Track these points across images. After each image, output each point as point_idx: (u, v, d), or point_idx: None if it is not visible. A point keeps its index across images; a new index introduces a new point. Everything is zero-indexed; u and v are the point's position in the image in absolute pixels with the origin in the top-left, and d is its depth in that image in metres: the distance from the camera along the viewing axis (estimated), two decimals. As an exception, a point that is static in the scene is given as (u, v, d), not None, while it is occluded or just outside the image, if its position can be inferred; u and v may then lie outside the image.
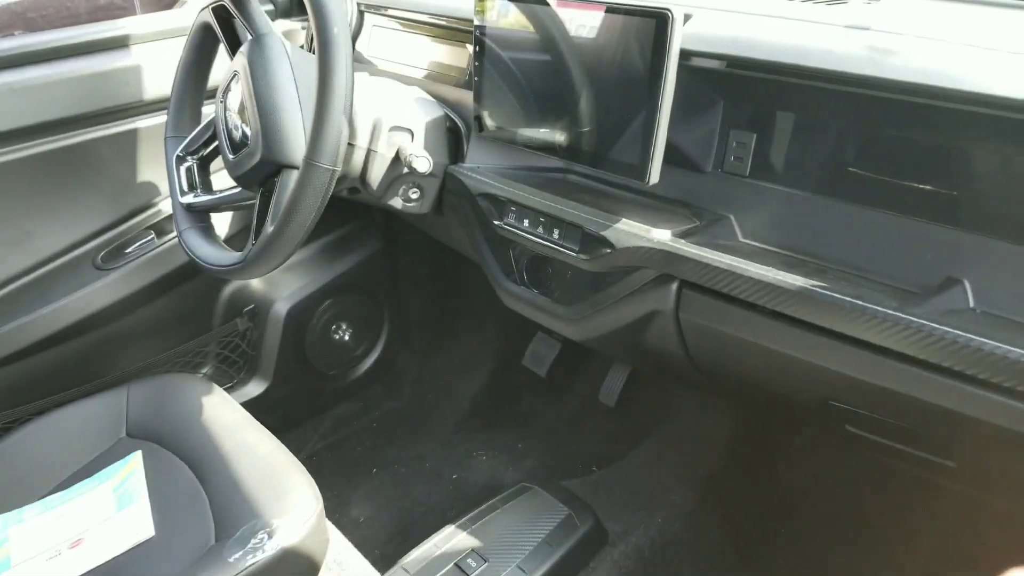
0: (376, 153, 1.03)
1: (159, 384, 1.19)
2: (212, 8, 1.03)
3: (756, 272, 0.76)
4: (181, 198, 1.08)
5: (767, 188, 0.82)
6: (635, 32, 0.80)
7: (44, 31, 1.20)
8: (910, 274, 0.72)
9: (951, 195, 0.70)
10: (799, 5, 0.89)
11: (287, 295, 1.56)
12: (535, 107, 0.95)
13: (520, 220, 0.99)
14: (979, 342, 0.64)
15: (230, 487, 1.00)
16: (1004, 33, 0.75)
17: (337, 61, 0.83)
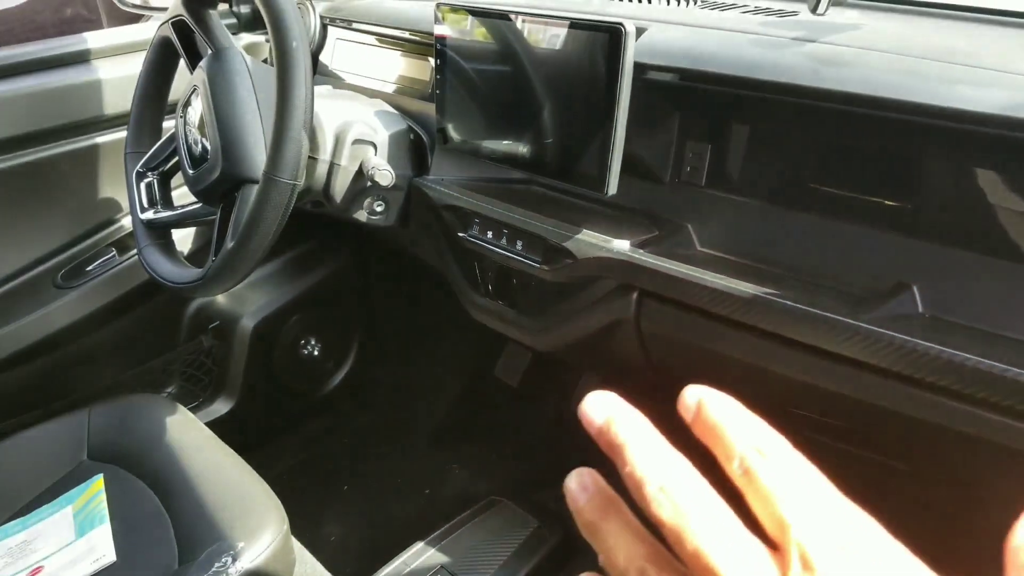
0: (339, 166, 1.03)
1: (122, 405, 1.17)
2: (172, 23, 1.03)
3: (711, 281, 0.77)
4: (141, 214, 1.07)
5: (723, 198, 0.84)
6: (592, 46, 0.82)
7: (2, 47, 1.19)
8: (862, 281, 0.74)
9: (900, 204, 0.72)
10: (751, 18, 0.91)
11: (253, 311, 1.55)
12: (497, 119, 0.96)
13: (484, 232, 0.99)
14: (925, 346, 0.66)
15: (194, 509, 0.99)
16: (947, 45, 0.77)
17: (296, 75, 0.83)
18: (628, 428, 0.26)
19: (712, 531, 0.23)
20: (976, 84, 0.68)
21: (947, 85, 0.68)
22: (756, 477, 0.24)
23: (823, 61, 0.75)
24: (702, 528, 0.23)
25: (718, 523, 0.23)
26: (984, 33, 0.83)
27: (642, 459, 0.25)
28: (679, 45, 0.85)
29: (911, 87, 0.69)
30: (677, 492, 0.24)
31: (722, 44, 0.83)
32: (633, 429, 0.26)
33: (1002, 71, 0.69)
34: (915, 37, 0.80)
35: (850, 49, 0.77)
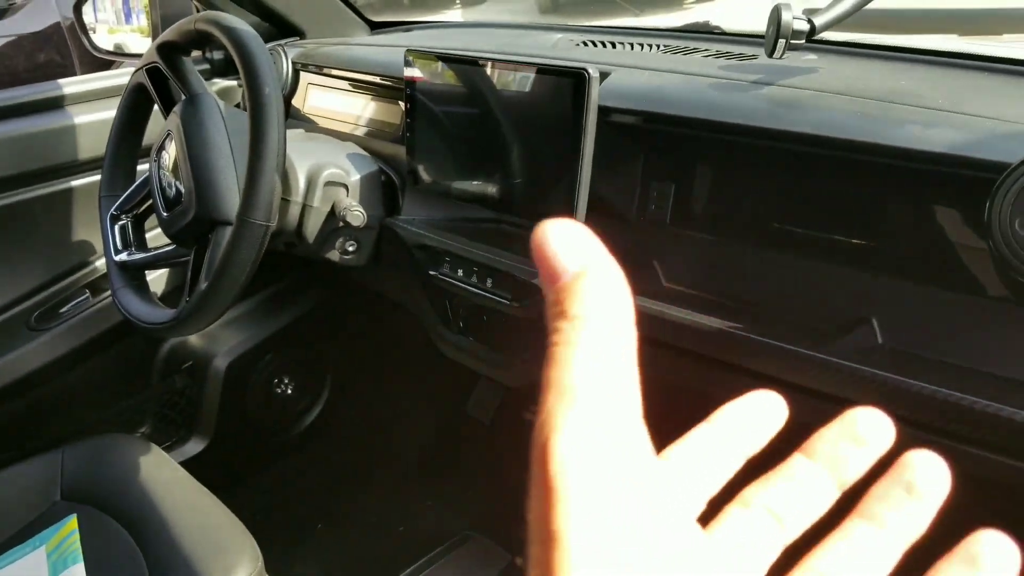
0: (312, 208, 1.04)
1: (95, 446, 1.17)
2: (146, 69, 1.05)
3: (677, 315, 0.79)
4: (115, 256, 1.08)
5: (687, 235, 0.86)
6: (557, 90, 0.84)
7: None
8: (823, 315, 0.75)
9: (858, 240, 0.74)
10: (712, 62, 0.94)
11: (226, 350, 1.54)
12: (466, 161, 0.98)
13: (455, 270, 1.01)
14: (884, 376, 0.67)
15: (168, 549, 0.99)
16: (899, 87, 0.80)
17: (269, 119, 0.85)
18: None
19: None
20: (926, 124, 0.70)
21: (898, 126, 0.71)
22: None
23: (780, 103, 0.78)
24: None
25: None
26: (934, 75, 0.86)
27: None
28: (642, 88, 0.88)
29: (864, 128, 0.71)
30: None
31: (684, 87, 0.86)
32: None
33: (951, 111, 0.72)
34: (869, 80, 0.83)
35: (806, 92, 0.80)
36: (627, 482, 0.20)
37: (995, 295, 0.67)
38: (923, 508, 0.25)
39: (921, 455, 0.25)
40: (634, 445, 0.21)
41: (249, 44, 0.87)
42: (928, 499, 0.25)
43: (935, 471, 0.25)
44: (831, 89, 0.79)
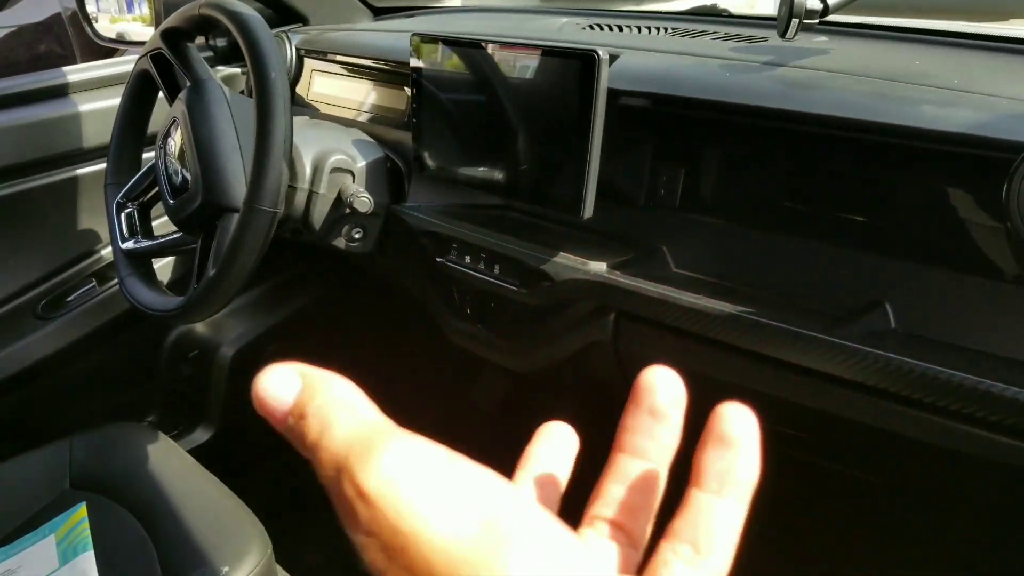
0: (318, 195, 1.04)
1: (103, 434, 1.17)
2: (151, 56, 1.04)
3: (687, 300, 0.78)
4: (122, 244, 1.07)
5: (696, 219, 0.85)
6: (566, 73, 0.83)
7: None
8: (835, 298, 0.75)
9: (871, 222, 0.73)
10: (722, 44, 0.93)
11: (232, 339, 1.54)
12: (473, 146, 0.97)
13: (462, 257, 1.00)
14: (899, 361, 0.67)
15: (178, 536, 0.99)
16: (913, 67, 0.79)
17: (275, 105, 0.84)
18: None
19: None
20: (941, 104, 0.69)
21: (913, 106, 0.70)
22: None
23: (793, 84, 0.77)
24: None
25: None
26: (946, 56, 0.85)
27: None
28: (652, 71, 0.87)
29: (879, 108, 0.71)
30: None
31: (694, 69, 0.85)
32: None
33: (965, 91, 0.71)
34: (882, 60, 0.83)
35: (819, 72, 0.79)
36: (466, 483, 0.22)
37: (1011, 277, 0.66)
38: (670, 427, 0.27)
39: (656, 373, 0.28)
40: (451, 456, 0.23)
41: (255, 29, 0.86)
42: (671, 418, 0.27)
43: (672, 388, 0.28)
44: (844, 70, 0.78)
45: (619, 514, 0.28)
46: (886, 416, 0.72)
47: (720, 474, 0.25)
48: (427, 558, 0.20)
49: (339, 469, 0.21)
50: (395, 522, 0.20)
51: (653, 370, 0.28)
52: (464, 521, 0.20)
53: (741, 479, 0.25)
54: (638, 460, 0.28)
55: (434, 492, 0.21)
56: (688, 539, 0.24)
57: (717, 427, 0.25)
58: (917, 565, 0.99)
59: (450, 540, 0.20)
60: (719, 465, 0.25)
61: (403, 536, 0.20)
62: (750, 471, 0.25)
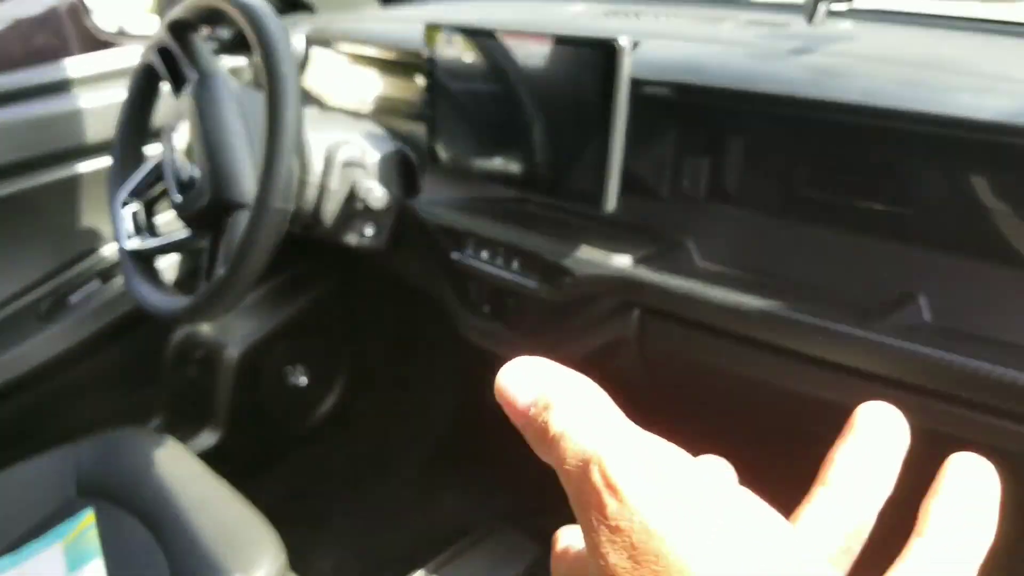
0: (329, 190, 1.01)
1: (109, 439, 1.14)
2: (156, 48, 1.02)
3: (715, 296, 0.76)
4: (127, 243, 1.05)
5: (722, 211, 0.83)
6: (585, 62, 0.81)
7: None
8: (866, 291, 0.73)
9: (902, 213, 0.72)
10: (746, 31, 0.91)
11: (238, 339, 1.52)
12: (490, 138, 0.95)
13: (478, 252, 0.98)
14: (936, 355, 0.65)
15: (187, 543, 0.97)
16: (943, 54, 0.77)
17: (286, 99, 0.82)
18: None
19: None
20: (975, 92, 0.68)
21: (947, 93, 0.68)
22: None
23: (822, 72, 0.75)
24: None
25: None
26: (976, 42, 0.83)
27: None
28: (674, 59, 0.85)
29: (911, 96, 0.69)
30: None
31: (718, 57, 0.83)
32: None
33: (999, 78, 0.70)
34: (911, 47, 0.81)
35: (848, 60, 0.77)
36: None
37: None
38: (887, 467, 0.25)
39: (877, 409, 0.26)
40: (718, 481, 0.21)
41: (264, 20, 0.84)
42: (891, 458, 0.25)
43: (896, 427, 0.26)
44: (874, 57, 0.77)
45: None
46: (920, 413, 0.70)
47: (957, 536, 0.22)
48: (682, 568, 0.18)
49: (587, 460, 0.20)
50: (648, 520, 0.19)
51: (873, 405, 0.26)
52: (726, 558, 0.19)
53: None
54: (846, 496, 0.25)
55: (700, 517, 0.19)
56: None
57: (955, 480, 0.23)
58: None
59: (710, 569, 0.18)
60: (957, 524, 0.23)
61: (657, 539, 0.19)
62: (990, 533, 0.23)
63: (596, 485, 0.20)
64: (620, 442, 0.20)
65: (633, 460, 0.20)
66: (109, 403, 1.38)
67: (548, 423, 0.21)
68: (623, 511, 0.19)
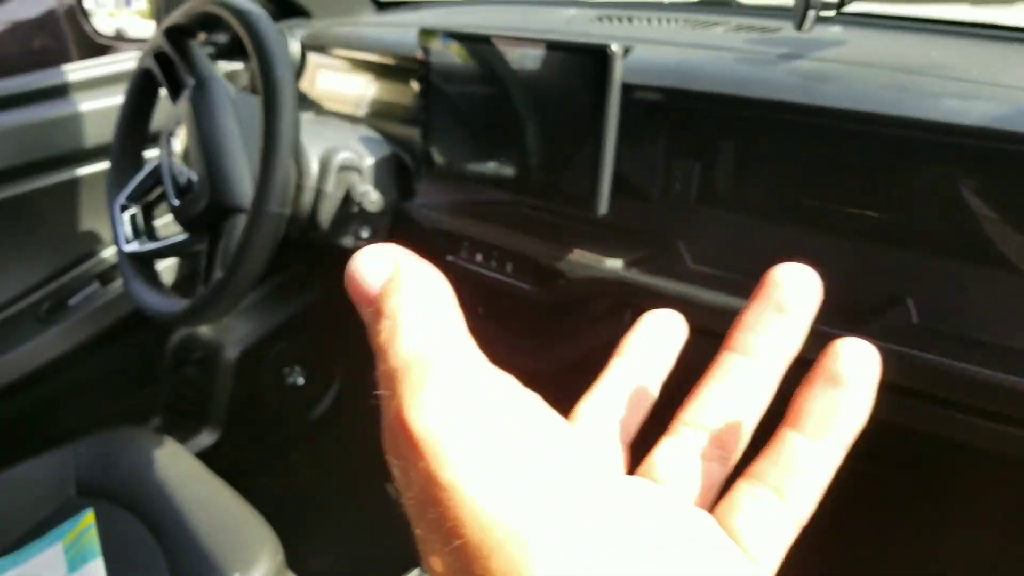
0: (325, 193, 1.02)
1: (108, 439, 1.15)
2: (153, 54, 1.03)
3: (706, 298, 0.77)
4: (126, 246, 1.06)
5: (713, 214, 0.84)
6: (578, 67, 0.82)
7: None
8: (855, 294, 0.74)
9: (890, 216, 0.73)
10: (736, 36, 0.92)
11: (236, 340, 1.53)
12: (483, 142, 0.96)
13: (473, 255, 0.99)
14: (924, 358, 0.66)
15: (187, 542, 0.98)
16: (931, 59, 0.78)
17: (282, 104, 0.83)
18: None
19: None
20: (962, 97, 0.69)
21: (934, 99, 0.69)
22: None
23: (811, 77, 0.76)
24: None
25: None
26: (964, 47, 0.84)
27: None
28: (666, 64, 0.86)
29: (899, 101, 0.70)
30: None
31: (709, 62, 0.84)
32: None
33: (986, 83, 0.70)
34: (898, 52, 0.82)
35: (837, 65, 0.78)
36: (519, 434, 0.20)
37: (1037, 272, 0.65)
38: (793, 324, 0.25)
39: (789, 268, 0.25)
40: (512, 404, 0.21)
41: (260, 25, 0.85)
42: (798, 313, 0.25)
43: (805, 283, 0.25)
44: (862, 62, 0.77)
45: (714, 419, 0.25)
46: (908, 414, 0.71)
47: (822, 417, 0.22)
48: (459, 512, 0.19)
49: (392, 391, 0.20)
50: (432, 470, 0.19)
51: (786, 265, 0.25)
52: (508, 494, 0.19)
53: (845, 424, 0.22)
54: (748, 359, 0.25)
55: (481, 454, 0.19)
56: (772, 483, 0.22)
57: (828, 365, 0.23)
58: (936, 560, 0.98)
59: (486, 508, 0.18)
60: (822, 406, 0.22)
61: (438, 488, 0.19)
62: (858, 416, 0.23)
63: (392, 420, 0.20)
64: (425, 374, 0.20)
65: (430, 403, 0.19)
66: (108, 404, 1.39)
67: (378, 331, 0.21)
68: (412, 456, 0.19)
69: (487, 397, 0.20)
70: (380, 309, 0.21)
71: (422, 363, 0.20)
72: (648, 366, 0.28)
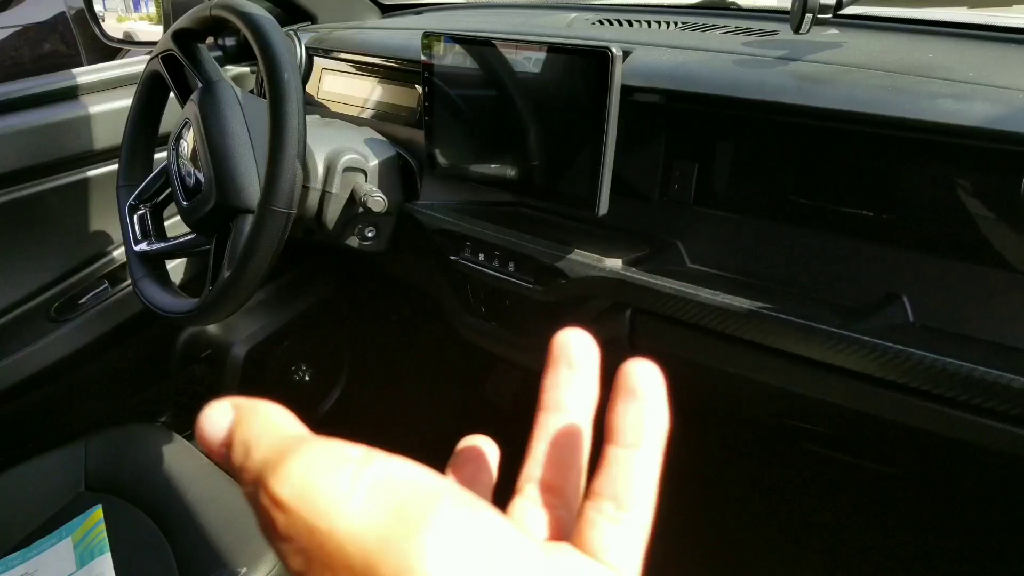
0: (331, 194, 1.03)
1: (117, 435, 1.17)
2: (161, 57, 1.04)
3: (704, 296, 0.78)
4: (135, 246, 1.07)
5: (711, 214, 0.85)
6: (578, 70, 0.83)
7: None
8: (852, 292, 0.75)
9: (886, 216, 0.73)
10: (733, 38, 0.93)
11: (244, 338, 1.55)
12: (485, 144, 0.97)
13: (476, 255, 1.00)
14: (919, 355, 0.67)
15: (194, 537, 0.99)
16: (927, 60, 0.79)
17: (289, 106, 0.84)
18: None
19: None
20: (957, 97, 0.69)
21: (930, 99, 0.70)
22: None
23: (807, 79, 0.77)
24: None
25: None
26: (959, 48, 0.85)
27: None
28: (665, 66, 0.87)
29: (895, 102, 0.70)
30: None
31: (707, 64, 0.85)
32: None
33: (981, 84, 0.71)
34: (896, 53, 0.82)
35: (833, 67, 0.79)
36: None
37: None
38: (587, 378, 0.28)
39: (567, 334, 0.28)
40: (361, 449, 0.22)
41: (267, 29, 0.86)
42: (587, 368, 0.28)
43: (584, 342, 0.28)
44: (859, 63, 0.78)
45: (548, 472, 0.27)
46: (904, 410, 0.72)
47: (632, 427, 0.25)
48: (343, 549, 0.20)
49: (256, 484, 0.21)
50: (309, 521, 0.20)
51: (565, 331, 0.28)
52: (373, 508, 0.20)
53: (652, 429, 0.25)
54: (559, 414, 0.28)
55: (345, 489, 0.21)
56: (609, 495, 0.25)
57: (624, 382, 0.25)
58: (932, 554, 0.99)
59: (361, 528, 0.20)
60: (630, 418, 0.25)
61: (319, 533, 0.20)
62: (660, 420, 0.25)
63: (265, 505, 0.21)
64: (282, 458, 0.21)
65: (292, 471, 0.21)
66: (118, 401, 1.40)
67: (232, 459, 0.23)
68: (289, 521, 0.20)
69: (338, 450, 0.22)
70: (229, 444, 0.23)
71: (277, 451, 0.22)
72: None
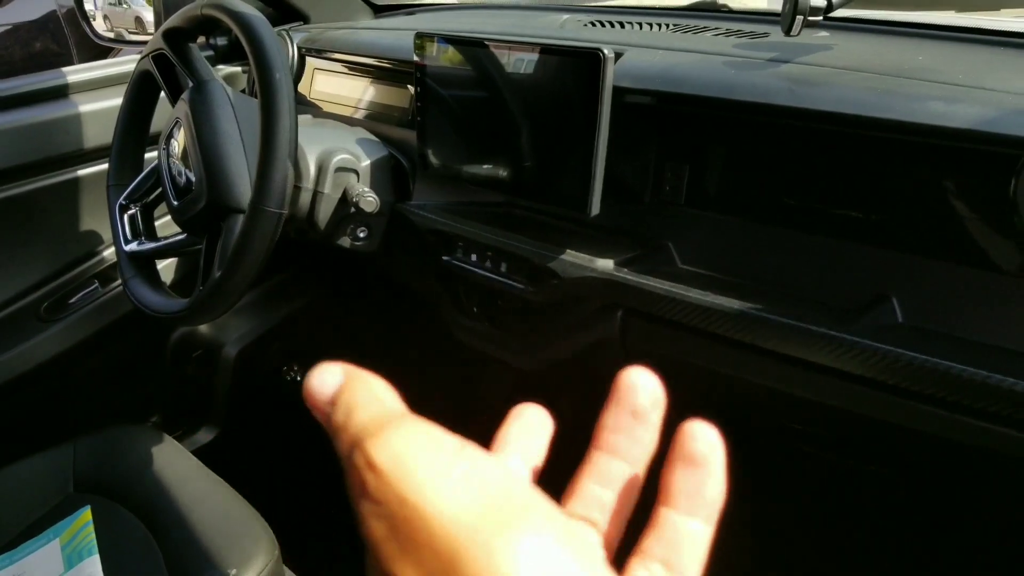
0: (323, 194, 1.03)
1: (106, 436, 1.16)
2: (152, 56, 1.04)
3: (695, 297, 0.78)
4: (125, 246, 1.07)
5: (702, 215, 0.85)
6: (570, 71, 0.83)
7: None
8: (842, 293, 0.75)
9: (876, 217, 0.74)
10: (724, 40, 0.93)
11: (236, 338, 1.54)
12: (478, 144, 0.97)
13: (468, 255, 1.00)
14: (909, 356, 0.67)
15: (183, 539, 0.98)
16: (917, 63, 0.79)
17: (280, 105, 0.84)
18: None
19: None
20: (947, 100, 0.69)
21: (919, 102, 0.70)
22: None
23: (798, 81, 0.77)
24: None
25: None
26: (949, 51, 0.85)
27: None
28: (656, 68, 0.87)
29: (885, 105, 0.71)
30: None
31: (699, 66, 0.85)
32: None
33: (971, 87, 0.71)
34: (886, 56, 0.83)
35: (824, 69, 0.79)
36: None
37: (1017, 271, 0.66)
38: (650, 429, 0.28)
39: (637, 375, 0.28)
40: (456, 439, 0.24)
41: (258, 29, 0.86)
42: (652, 419, 0.28)
43: (653, 390, 0.28)
44: (849, 66, 0.78)
45: (597, 513, 0.28)
46: (894, 410, 0.72)
47: (689, 494, 0.25)
48: (430, 528, 0.21)
49: (353, 445, 0.23)
50: (400, 491, 0.21)
51: (634, 371, 0.28)
52: (470, 500, 0.21)
53: (709, 499, 0.25)
54: (617, 460, 0.28)
55: (442, 470, 0.22)
56: (660, 558, 0.25)
57: (684, 446, 0.25)
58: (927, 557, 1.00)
59: (453, 513, 0.21)
60: (688, 484, 0.25)
61: (408, 506, 0.21)
62: (718, 490, 0.25)
63: (359, 465, 0.22)
64: (383, 427, 0.23)
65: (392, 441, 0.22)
66: (108, 402, 1.40)
67: (334, 417, 0.24)
68: (380, 485, 0.22)
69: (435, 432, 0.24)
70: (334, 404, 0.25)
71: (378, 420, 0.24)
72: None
